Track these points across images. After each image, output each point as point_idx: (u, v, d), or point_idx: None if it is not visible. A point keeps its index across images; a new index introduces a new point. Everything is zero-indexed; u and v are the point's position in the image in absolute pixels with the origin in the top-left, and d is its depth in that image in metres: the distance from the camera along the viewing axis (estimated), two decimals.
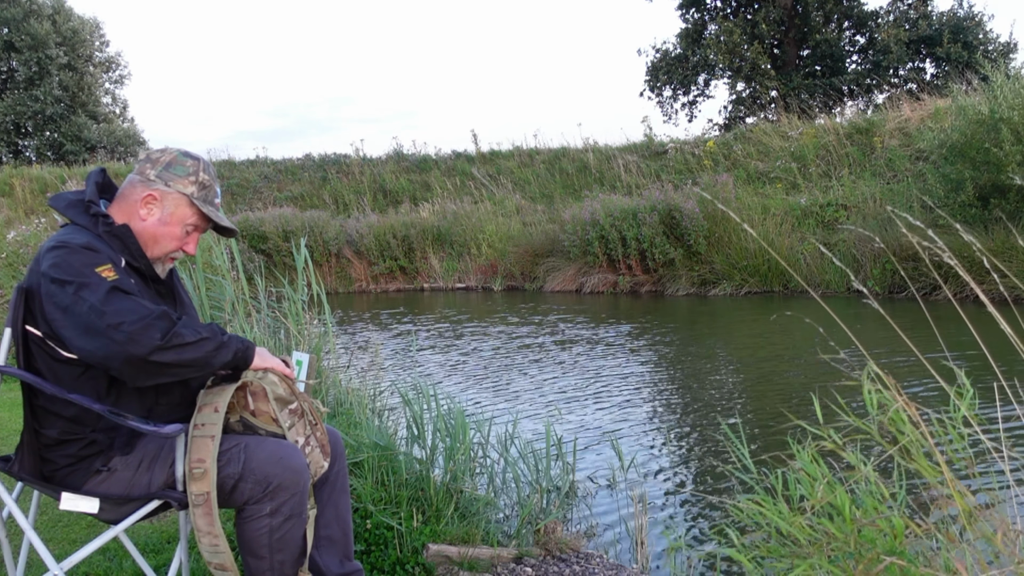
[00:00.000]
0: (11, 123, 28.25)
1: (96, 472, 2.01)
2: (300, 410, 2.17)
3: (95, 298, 1.84)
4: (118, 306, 1.84)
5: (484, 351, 8.43)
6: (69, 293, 1.87)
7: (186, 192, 2.09)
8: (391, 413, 4.64)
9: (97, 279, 1.87)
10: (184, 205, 2.09)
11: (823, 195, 13.56)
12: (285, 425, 2.11)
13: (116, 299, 1.85)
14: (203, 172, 2.13)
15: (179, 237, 2.11)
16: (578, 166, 17.94)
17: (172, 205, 2.09)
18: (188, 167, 2.11)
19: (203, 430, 1.97)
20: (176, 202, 2.09)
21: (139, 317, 1.83)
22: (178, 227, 2.10)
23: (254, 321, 4.95)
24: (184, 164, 2.12)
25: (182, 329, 1.86)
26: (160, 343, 1.82)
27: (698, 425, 5.34)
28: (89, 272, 1.88)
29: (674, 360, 7.75)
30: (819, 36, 22.03)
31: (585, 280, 13.60)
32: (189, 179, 2.10)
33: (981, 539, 1.52)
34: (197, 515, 1.93)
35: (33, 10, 28.09)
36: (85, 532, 3.10)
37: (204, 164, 2.15)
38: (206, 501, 1.92)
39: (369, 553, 2.85)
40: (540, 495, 3.58)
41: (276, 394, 2.11)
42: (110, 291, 1.86)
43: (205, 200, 2.12)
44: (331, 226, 16.02)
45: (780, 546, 1.72)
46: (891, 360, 6.40)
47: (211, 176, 2.15)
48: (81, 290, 1.86)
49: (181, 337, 1.85)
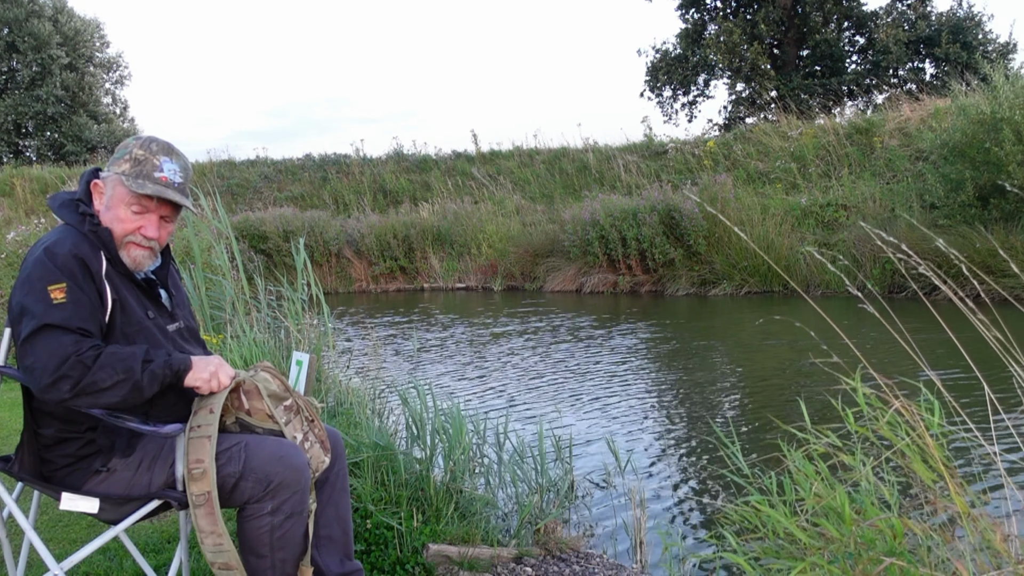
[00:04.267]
0: (12, 123, 28.26)
1: (96, 472, 2.01)
2: (296, 406, 2.17)
3: (26, 330, 1.87)
4: (38, 348, 1.85)
5: (484, 351, 8.43)
6: (15, 312, 1.92)
7: (119, 171, 2.07)
8: (391, 413, 4.64)
9: (37, 307, 1.87)
10: (119, 185, 2.07)
11: (823, 195, 13.55)
12: (281, 421, 2.11)
13: (40, 339, 1.85)
14: (139, 148, 2.08)
15: (127, 219, 2.07)
16: (578, 166, 17.93)
17: (111, 188, 2.08)
18: (127, 147, 2.10)
19: (199, 431, 1.97)
20: (113, 184, 2.08)
21: (53, 364, 1.83)
22: (121, 209, 2.06)
23: (254, 320, 4.95)
24: (125, 146, 2.11)
25: (97, 374, 1.85)
26: (68, 395, 1.84)
27: (698, 425, 5.34)
28: (38, 292, 1.89)
29: (674, 360, 7.75)
30: (819, 36, 22.03)
31: (585, 280, 13.60)
32: (124, 159, 2.08)
33: (980, 540, 1.52)
34: (199, 515, 1.93)
35: (35, 11, 28.11)
36: (85, 532, 3.10)
37: (145, 141, 2.11)
38: (207, 501, 1.92)
39: (369, 553, 2.85)
40: (539, 495, 3.58)
41: (270, 391, 2.11)
42: (38, 329, 1.86)
43: (139, 175, 2.06)
44: (331, 226, 16.01)
45: (778, 547, 1.72)
46: (890, 360, 6.40)
47: (150, 151, 2.08)
48: (23, 314, 1.89)
49: (94, 385, 1.85)
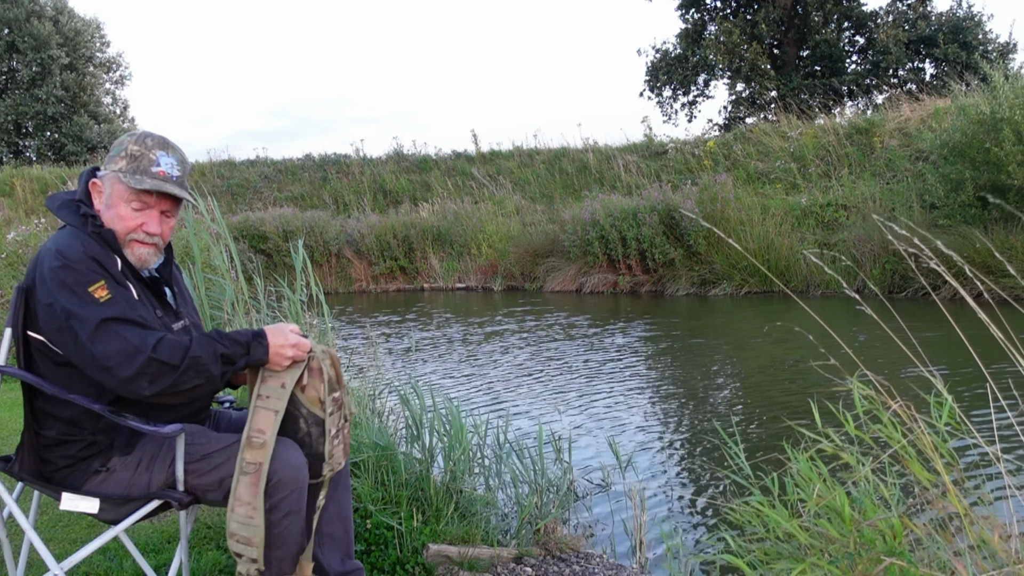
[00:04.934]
0: (12, 123, 28.26)
1: (95, 472, 2.01)
2: (341, 401, 2.14)
3: (84, 334, 1.84)
4: (105, 345, 1.83)
5: (484, 351, 8.43)
6: (61, 320, 1.88)
7: (116, 169, 2.04)
8: (391, 413, 4.64)
9: (86, 309, 1.86)
10: (116, 182, 2.04)
11: (823, 195, 13.55)
12: (328, 411, 2.08)
13: (103, 336, 1.84)
14: (134, 144, 2.05)
15: (128, 216, 2.04)
16: (578, 166, 17.93)
17: (109, 186, 2.06)
18: (122, 144, 2.07)
19: (267, 402, 1.97)
20: (111, 182, 2.05)
21: (126, 360, 1.82)
22: (121, 207, 2.04)
23: (253, 321, 4.97)
24: (120, 143, 2.08)
25: (179, 378, 1.85)
26: (148, 393, 1.84)
27: (698, 425, 5.34)
28: (81, 295, 1.87)
29: (674, 360, 7.75)
30: (818, 36, 22.04)
31: (585, 280, 13.60)
32: (120, 156, 2.06)
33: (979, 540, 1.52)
34: (243, 483, 1.92)
35: (35, 11, 28.11)
36: (85, 532, 3.10)
37: (139, 136, 2.07)
38: (257, 471, 1.92)
39: (369, 553, 2.85)
40: (539, 495, 3.58)
41: (329, 376, 2.08)
42: (98, 326, 1.85)
43: (136, 171, 2.03)
44: (331, 226, 16.01)
45: (779, 548, 1.72)
46: (887, 360, 6.40)
47: (145, 146, 2.05)
48: (71, 319, 1.86)
49: (175, 387, 1.86)
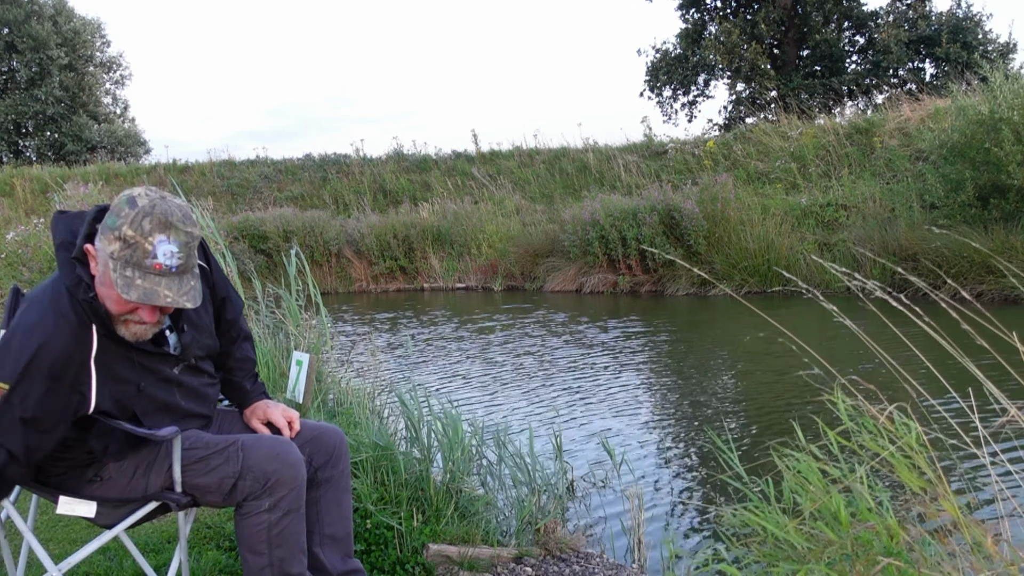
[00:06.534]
0: (12, 123, 28.27)
1: (89, 481, 2.02)
2: None
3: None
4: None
5: (484, 351, 8.43)
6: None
7: (107, 251, 1.77)
8: (391, 413, 4.65)
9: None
10: (108, 269, 1.77)
11: (823, 195, 13.55)
12: None
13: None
14: (129, 227, 1.74)
15: (120, 303, 1.79)
16: (578, 166, 17.93)
17: (101, 266, 1.80)
18: (121, 217, 1.77)
19: None
20: (103, 263, 1.79)
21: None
22: (113, 291, 1.78)
23: (253, 321, 4.97)
24: (119, 213, 1.77)
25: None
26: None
27: (698, 425, 5.35)
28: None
29: (674, 360, 7.75)
30: (819, 36, 22.03)
31: (585, 280, 13.60)
32: (114, 233, 1.76)
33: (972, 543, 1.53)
34: None
35: (34, 11, 28.09)
36: (85, 532, 3.11)
37: (138, 216, 1.75)
38: None
39: (369, 553, 2.85)
40: (539, 495, 3.58)
41: None
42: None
43: (128, 262, 1.75)
44: (331, 226, 16.00)
45: (776, 551, 1.73)
46: (890, 362, 6.40)
47: (142, 231, 1.74)
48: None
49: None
